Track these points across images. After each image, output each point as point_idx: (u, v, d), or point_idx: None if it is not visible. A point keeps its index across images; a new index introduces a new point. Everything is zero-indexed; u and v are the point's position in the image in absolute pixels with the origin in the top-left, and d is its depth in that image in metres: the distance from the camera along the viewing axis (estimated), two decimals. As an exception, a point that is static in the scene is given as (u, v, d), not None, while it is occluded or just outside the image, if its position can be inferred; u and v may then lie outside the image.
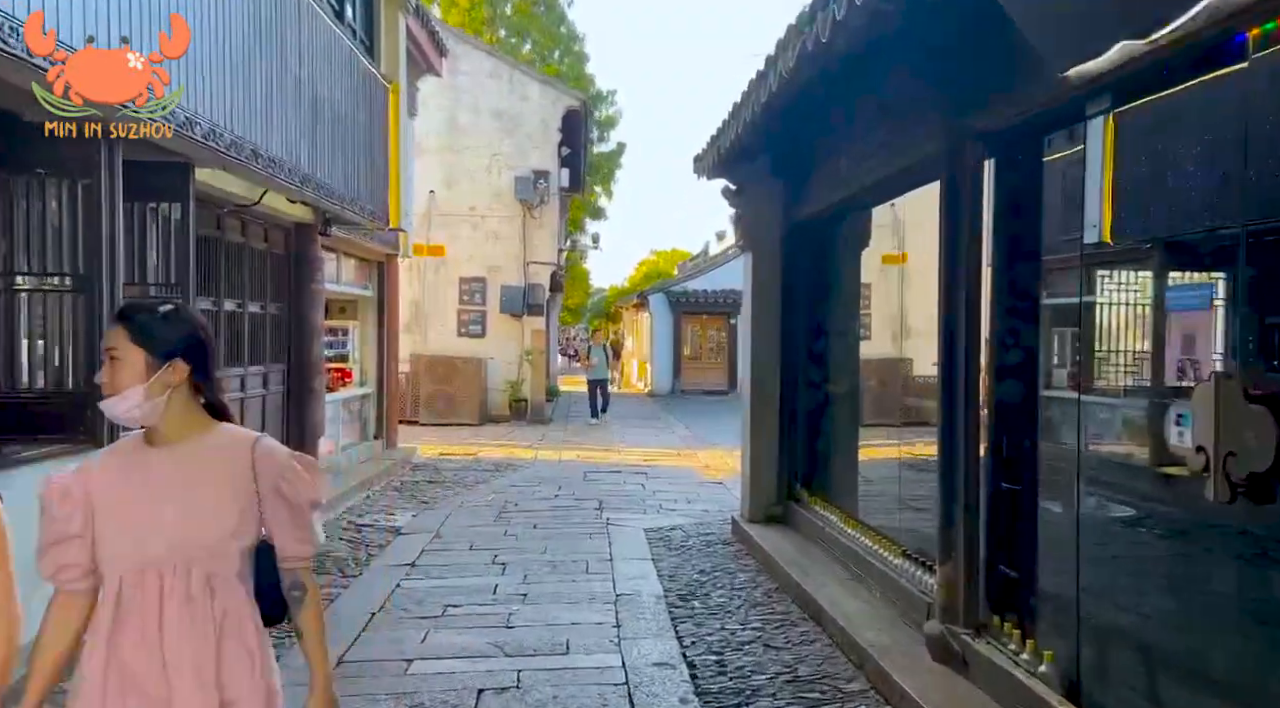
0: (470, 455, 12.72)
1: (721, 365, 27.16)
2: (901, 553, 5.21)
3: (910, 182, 5.12)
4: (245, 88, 5.43)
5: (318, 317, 8.67)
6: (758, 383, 7.51)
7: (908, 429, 7.44)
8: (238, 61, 5.20)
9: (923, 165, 4.69)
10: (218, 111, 5.07)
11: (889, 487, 7.23)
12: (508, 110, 17.32)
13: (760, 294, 7.49)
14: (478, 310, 17.45)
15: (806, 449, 7.38)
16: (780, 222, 7.45)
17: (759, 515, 7.45)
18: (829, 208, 6.66)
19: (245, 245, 7.56)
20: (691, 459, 12.77)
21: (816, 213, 7.04)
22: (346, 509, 8.74)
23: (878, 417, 7.32)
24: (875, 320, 7.16)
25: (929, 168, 4.59)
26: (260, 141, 5.64)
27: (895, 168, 5.10)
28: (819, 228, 7.24)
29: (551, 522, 8.34)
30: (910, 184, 5.19)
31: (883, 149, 5.25)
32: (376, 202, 8.38)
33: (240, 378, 7.51)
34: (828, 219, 7.07)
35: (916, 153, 4.73)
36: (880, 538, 5.58)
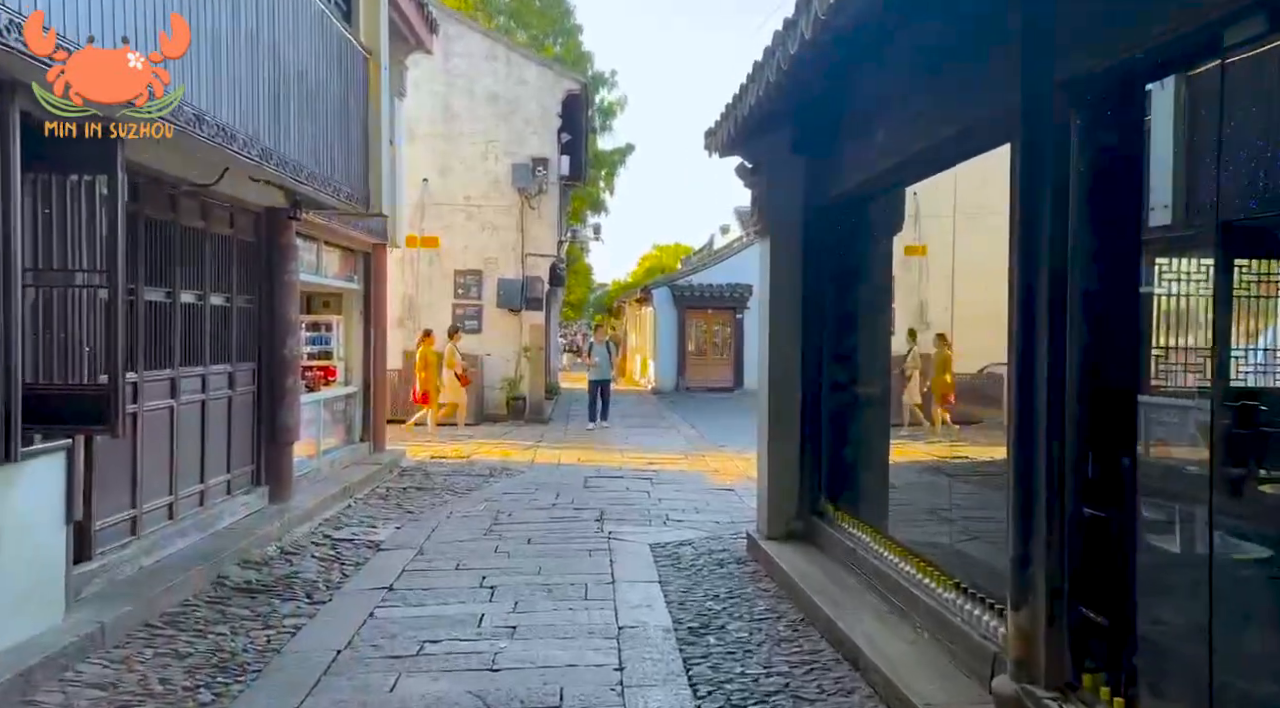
0: (463, 458, 11.97)
1: (727, 362, 26.38)
2: (953, 585, 4.45)
3: (966, 148, 4.35)
4: (190, 43, 4.65)
5: (292, 310, 7.90)
6: (776, 383, 6.74)
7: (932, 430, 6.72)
8: (176, 7, 4.42)
9: (985, 127, 3.92)
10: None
11: (927, 499, 6.49)
12: (504, 94, 16.53)
13: (779, 285, 6.72)
14: (473, 305, 16.68)
15: (832, 458, 6.62)
16: (802, 204, 6.68)
17: (778, 531, 6.69)
18: (861, 185, 5.89)
19: (207, 231, 6.79)
20: (699, 463, 12.01)
21: (844, 193, 6.27)
22: (324, 521, 7.99)
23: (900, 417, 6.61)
24: (896, 315, 6.43)
25: (993, 130, 3.82)
26: (208, 106, 4.88)
27: (949, 132, 4.33)
28: (846, 210, 6.47)
29: (548, 536, 7.58)
30: (965, 151, 4.42)
31: (933, 111, 4.48)
32: (354, 184, 7.61)
33: (201, 378, 6.75)
34: (856, 200, 6.31)
35: (978, 112, 3.96)
36: (925, 565, 4.81)
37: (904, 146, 4.92)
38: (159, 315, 6.13)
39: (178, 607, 5.39)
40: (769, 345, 6.76)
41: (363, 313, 11.17)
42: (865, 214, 6.50)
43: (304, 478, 8.79)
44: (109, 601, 5.04)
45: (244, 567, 6.30)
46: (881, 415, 6.62)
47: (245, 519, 7.21)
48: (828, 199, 6.51)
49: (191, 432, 6.62)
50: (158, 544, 5.95)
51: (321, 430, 9.69)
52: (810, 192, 6.65)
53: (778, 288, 6.72)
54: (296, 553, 6.84)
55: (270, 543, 6.93)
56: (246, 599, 5.67)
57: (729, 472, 11.16)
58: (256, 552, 6.64)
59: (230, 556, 6.29)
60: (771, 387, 6.75)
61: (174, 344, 6.31)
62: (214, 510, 6.86)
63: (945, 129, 4.40)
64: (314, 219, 8.80)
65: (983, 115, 3.90)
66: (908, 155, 4.91)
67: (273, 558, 6.65)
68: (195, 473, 6.67)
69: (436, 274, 16.59)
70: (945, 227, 6.49)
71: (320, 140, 6.91)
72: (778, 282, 6.73)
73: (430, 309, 16.59)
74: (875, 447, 6.57)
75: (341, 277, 10.64)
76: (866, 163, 5.69)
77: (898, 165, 5.21)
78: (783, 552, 6.35)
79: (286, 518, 7.45)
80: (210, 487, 6.88)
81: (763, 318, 6.91)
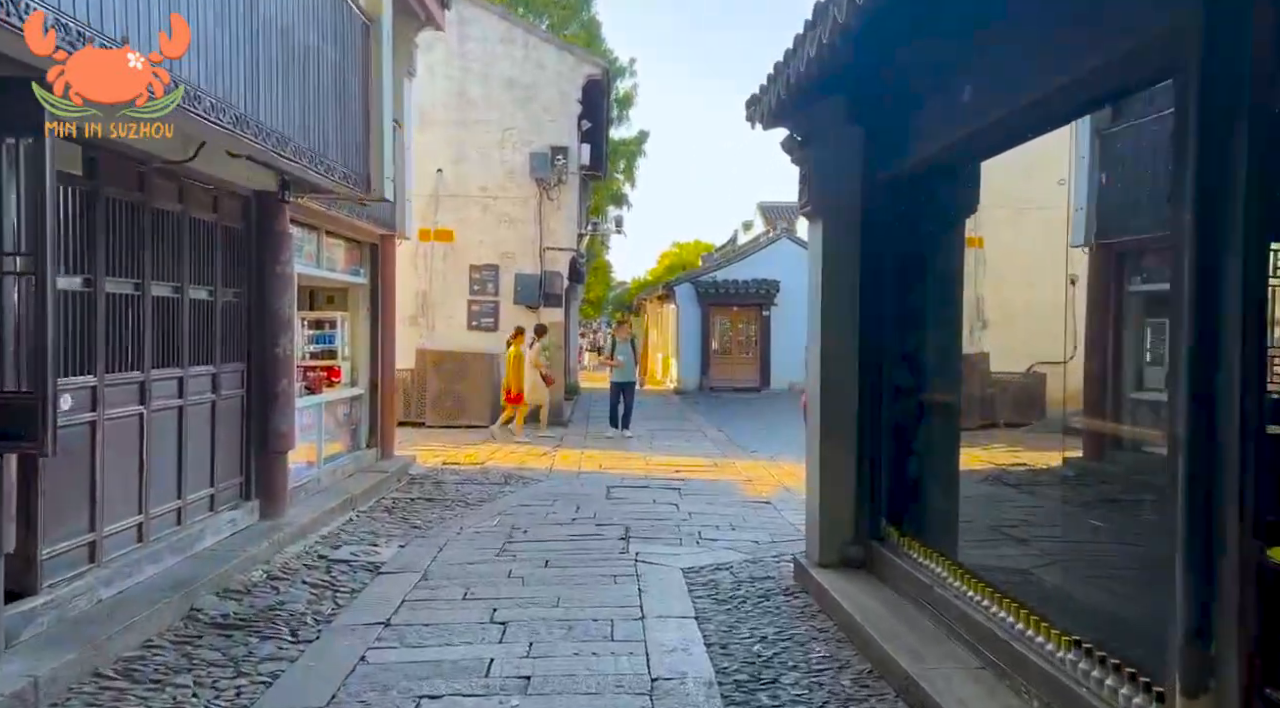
0: (477, 465, 11.18)
1: (753, 361, 25.46)
2: (1072, 643, 3.58)
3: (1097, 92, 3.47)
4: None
5: (285, 305, 7.13)
6: (830, 388, 5.89)
7: (982, 433, 5.95)
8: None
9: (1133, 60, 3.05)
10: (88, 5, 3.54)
11: (991, 513, 5.66)
12: (521, 80, 15.73)
13: (833, 275, 5.87)
14: (490, 301, 15.90)
15: (893, 474, 5.76)
16: (860, 181, 5.82)
17: (831, 558, 5.84)
18: (935, 156, 5.04)
19: (185, 215, 6.03)
20: (730, 470, 11.16)
21: (912, 167, 5.42)
22: (320, 538, 7.22)
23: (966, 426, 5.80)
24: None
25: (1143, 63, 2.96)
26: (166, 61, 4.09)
27: (1069, 77, 3.46)
28: (912, 188, 5.62)
29: (567, 557, 6.76)
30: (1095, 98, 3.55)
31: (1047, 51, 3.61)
32: (352, 163, 6.82)
33: (177, 381, 5.98)
34: (925, 175, 5.47)
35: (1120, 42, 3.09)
36: (1030, 615, 3.93)
37: (1001, 102, 4.06)
38: (125, 310, 5.36)
39: (137, 650, 4.62)
40: (820, 345, 5.91)
41: (370, 309, 10.41)
42: (934, 192, 5.65)
43: (301, 489, 8.03)
44: (52, 646, 4.27)
45: (223, 596, 5.53)
46: (951, 425, 5.76)
47: (230, 539, 6.44)
48: (891, 175, 5.66)
49: (166, 442, 5.86)
50: (122, 572, 5.19)
51: (323, 436, 8.93)
52: (870, 167, 5.79)
53: (831, 278, 5.87)
54: (286, 578, 6.06)
55: (256, 566, 6.16)
56: (221, 638, 4.90)
57: (763, 481, 10.30)
58: (239, 578, 5.87)
59: (208, 583, 5.52)
60: (824, 392, 5.89)
61: (144, 343, 5.55)
62: (194, 530, 6.10)
63: (1063, 74, 3.53)
64: (313, 206, 8.05)
65: (1127, 47, 3.03)
66: (1011, 109, 4.04)
67: (257, 585, 5.87)
68: (171, 488, 5.91)
69: (451, 269, 15.83)
70: (1004, 215, 5.70)
71: (311, 113, 6.13)
72: (831, 271, 5.87)
73: (444, 306, 15.84)
74: (944, 460, 5.72)
75: (346, 270, 9.88)
76: (943, 128, 4.83)
77: (989, 127, 4.35)
78: (838, 582, 5.51)
79: (277, 536, 6.68)
80: (190, 503, 6.12)
81: (812, 313, 6.06)
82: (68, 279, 4.77)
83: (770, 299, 24.96)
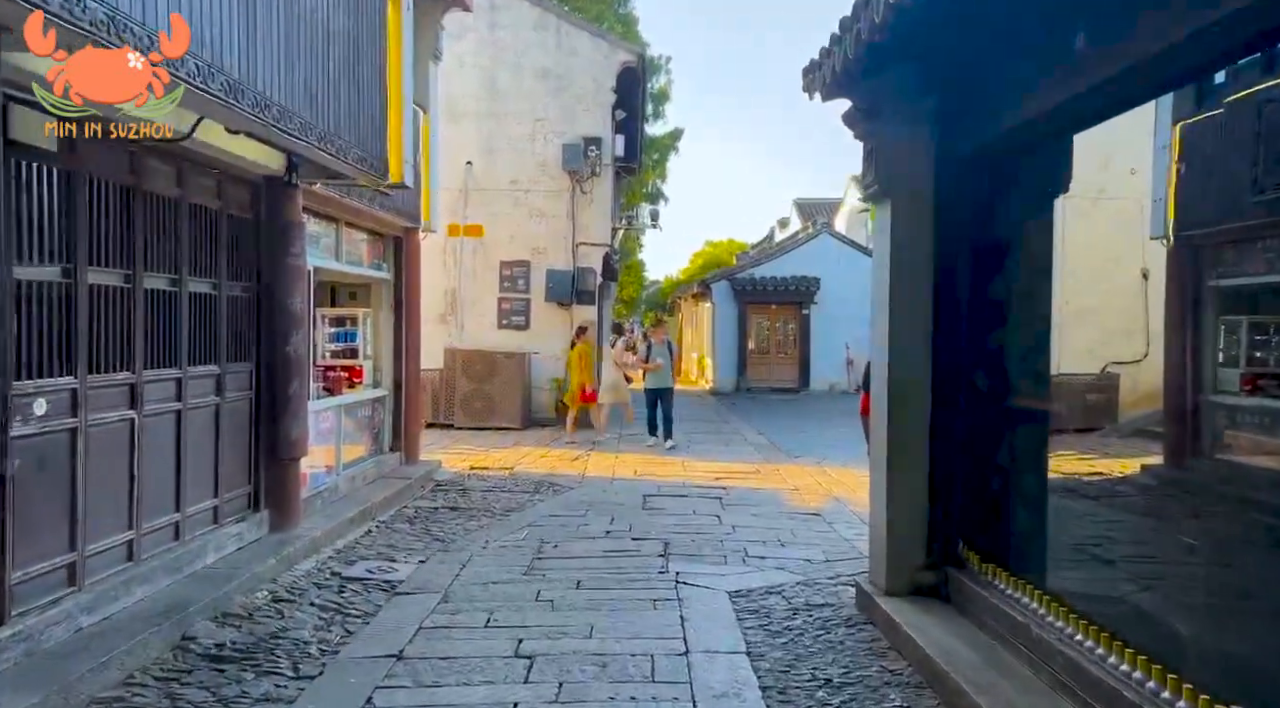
0: (506, 470, 10.61)
1: (792, 361, 24.67)
2: None
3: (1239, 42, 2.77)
4: None
5: (297, 300, 6.60)
6: (897, 390, 5.20)
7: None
8: None
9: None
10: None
11: (1072, 529, 5.02)
12: (555, 68, 15.13)
13: (902, 264, 5.18)
14: (520, 298, 15.34)
15: (972, 490, 5.06)
16: (934, 157, 5.15)
17: (900, 585, 5.15)
18: (1028, 124, 4.35)
19: (183, 200, 5.51)
20: (774, 478, 10.47)
21: (996, 140, 4.73)
22: (334, 553, 6.67)
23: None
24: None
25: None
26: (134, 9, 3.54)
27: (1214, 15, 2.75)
28: (995, 164, 4.94)
29: (601, 576, 6.14)
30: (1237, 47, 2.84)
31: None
32: (367, 146, 6.26)
33: (175, 382, 5.46)
34: (1010, 148, 4.79)
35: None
36: (1168, 675, 3.23)
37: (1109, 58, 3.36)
38: (112, 304, 4.84)
39: (115, 689, 4.08)
40: (888, 343, 5.22)
41: (394, 306, 9.89)
42: (1020, 169, 4.97)
43: (317, 498, 7.50)
44: (16, 686, 3.74)
45: (220, 623, 4.99)
46: (1038, 434, 5.07)
47: (235, 555, 5.92)
48: (969, 150, 4.97)
49: (162, 449, 5.34)
50: (107, 596, 4.66)
51: (341, 441, 8.40)
52: (945, 142, 5.10)
53: (900, 268, 5.18)
54: (292, 599, 5.51)
55: (261, 586, 5.62)
56: (213, 672, 4.35)
57: (811, 491, 9.60)
58: (240, 600, 5.33)
59: (204, 607, 4.99)
60: (892, 395, 5.21)
61: (135, 341, 5.03)
62: (194, 546, 5.57)
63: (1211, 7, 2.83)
64: (329, 194, 7.52)
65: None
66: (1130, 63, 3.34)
67: (260, 608, 5.33)
68: (168, 500, 5.39)
69: (480, 265, 15.29)
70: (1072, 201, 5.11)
71: (321, 88, 5.57)
72: (900, 260, 5.19)
73: (474, 304, 15.31)
74: (1030, 475, 5.03)
75: (368, 264, 9.37)
76: (1034, 93, 4.14)
77: (1090, 91, 3.66)
78: (910, 614, 4.82)
79: (287, 552, 6.15)
80: (189, 516, 5.59)
81: (878, 307, 5.38)
82: (39, 268, 4.25)
83: (810, 297, 24.17)
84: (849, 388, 23.91)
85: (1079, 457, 5.89)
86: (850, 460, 11.65)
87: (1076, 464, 5.80)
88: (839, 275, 23.80)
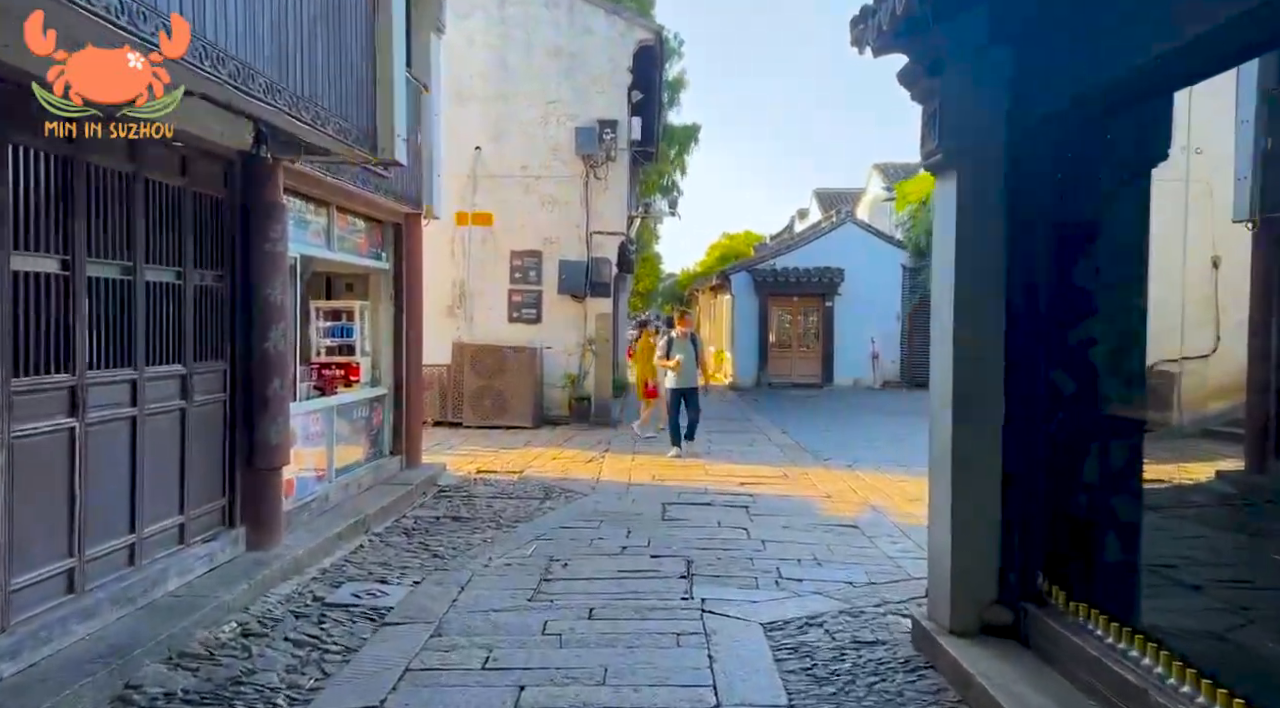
0: (515, 474, 9.90)
1: (815, 355, 23.84)
2: None
3: None
4: None
5: (277, 290, 5.90)
6: (963, 393, 4.43)
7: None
8: None
9: None
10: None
11: (1145, 547, 4.28)
12: (568, 47, 14.36)
13: (968, 242, 4.41)
14: (532, 291, 14.62)
15: (1053, 512, 4.29)
16: (1007, 119, 4.36)
17: (967, 623, 4.39)
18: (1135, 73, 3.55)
19: (138, 176, 4.82)
20: (803, 483, 9.70)
21: (1082, 98, 3.95)
22: (319, 573, 5.98)
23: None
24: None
25: None
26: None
27: None
28: (1081, 127, 4.16)
29: (616, 604, 5.42)
30: None
31: None
32: (352, 116, 5.54)
33: (129, 384, 4.77)
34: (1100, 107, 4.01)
35: None
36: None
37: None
38: (45, 295, 4.15)
39: (30, 758, 3.39)
40: (952, 338, 4.45)
41: (394, 298, 9.19)
42: (1111, 132, 4.19)
43: (304, 509, 6.82)
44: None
45: (174, 665, 4.30)
46: (1131, 446, 4.30)
47: (203, 579, 5.23)
48: (1051, 109, 4.19)
49: (113, 462, 4.65)
50: (38, 638, 3.98)
51: (334, 445, 7.71)
52: (1021, 100, 4.32)
53: (967, 248, 4.41)
54: (264, 633, 4.82)
55: (229, 617, 4.93)
56: (155, 732, 3.66)
57: (844, 498, 8.83)
58: (202, 635, 4.64)
59: (157, 646, 4.30)
60: (957, 400, 4.44)
61: (76, 337, 4.34)
62: (152, 571, 4.89)
63: None
64: (318, 175, 6.82)
65: None
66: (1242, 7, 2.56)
67: (225, 644, 4.63)
68: (120, 520, 4.71)
69: (490, 256, 14.58)
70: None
71: (295, 48, 4.86)
72: (967, 239, 4.41)
73: (483, 296, 14.61)
74: (1123, 495, 4.26)
75: (365, 253, 8.67)
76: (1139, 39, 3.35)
77: (1212, 33, 2.87)
78: (982, 661, 4.07)
79: (264, 574, 5.46)
80: (148, 538, 4.91)
81: (939, 295, 4.62)
82: (-60, 252, 3.56)
83: (834, 288, 23.32)
84: (874, 383, 23.10)
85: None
86: (884, 463, 10.88)
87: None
88: (864, 266, 22.98)
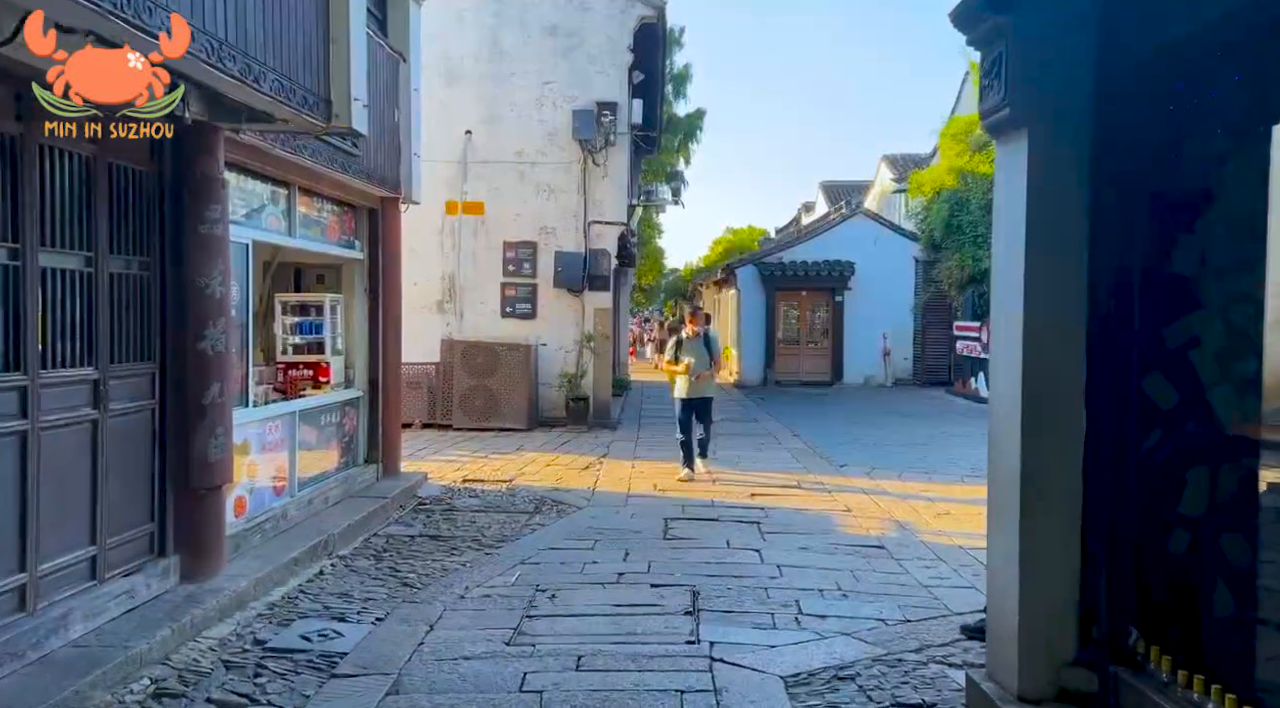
0: (503, 483, 9.08)
1: (824, 352, 22.97)
2: None
3: None
4: None
5: (214, 281, 5.07)
6: (1035, 404, 3.59)
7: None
8: None
9: None
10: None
11: None
12: (564, 25, 13.51)
13: (1041, 219, 3.57)
14: (526, 284, 13.79)
15: (1149, 552, 3.45)
16: (1093, 65, 3.51)
17: (1040, 687, 3.56)
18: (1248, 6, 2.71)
19: (29, 139, 3.99)
20: (819, 494, 8.86)
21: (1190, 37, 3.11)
22: (266, 608, 5.16)
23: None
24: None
25: None
26: None
27: None
28: (1188, 74, 3.30)
29: (609, 648, 4.59)
30: None
31: None
32: (298, 75, 4.71)
33: (18, 393, 3.95)
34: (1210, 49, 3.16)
35: None
36: None
37: None
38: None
39: None
40: (1021, 335, 3.61)
41: (369, 291, 8.38)
42: (1223, 81, 3.34)
43: (256, 530, 6.00)
44: None
45: (59, 740, 3.47)
46: (1244, 471, 3.45)
47: (117, 622, 4.41)
48: (1149, 53, 3.34)
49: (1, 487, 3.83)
50: (-123, 713, 3.16)
51: (296, 454, 6.89)
52: (1111, 44, 3.47)
53: (1038, 228, 3.57)
54: (183, 692, 3.99)
55: (142, 672, 4.10)
56: None
57: (866, 512, 8.00)
58: (103, 699, 3.82)
59: (40, 715, 3.48)
60: (1026, 410, 3.60)
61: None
62: (50, 616, 4.08)
63: None
64: (276, 151, 6.00)
65: None
66: None
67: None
68: (5, 557, 3.89)
69: (482, 247, 13.75)
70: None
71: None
72: (1038, 216, 3.57)
73: (474, 290, 13.78)
74: (1235, 532, 3.42)
75: (336, 241, 7.85)
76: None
77: None
78: (1064, 741, 3.23)
79: (194, 614, 4.64)
80: (44, 576, 4.10)
81: (1004, 282, 3.78)
82: None
83: (844, 283, 22.45)
84: (886, 381, 22.27)
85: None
86: (906, 471, 10.05)
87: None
88: (875, 259, 22.11)
